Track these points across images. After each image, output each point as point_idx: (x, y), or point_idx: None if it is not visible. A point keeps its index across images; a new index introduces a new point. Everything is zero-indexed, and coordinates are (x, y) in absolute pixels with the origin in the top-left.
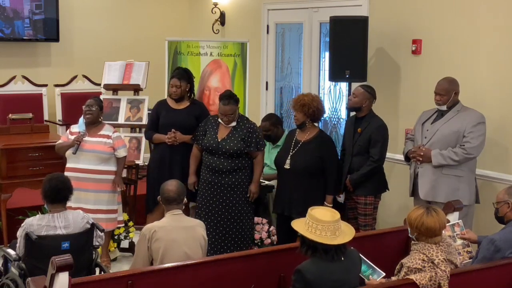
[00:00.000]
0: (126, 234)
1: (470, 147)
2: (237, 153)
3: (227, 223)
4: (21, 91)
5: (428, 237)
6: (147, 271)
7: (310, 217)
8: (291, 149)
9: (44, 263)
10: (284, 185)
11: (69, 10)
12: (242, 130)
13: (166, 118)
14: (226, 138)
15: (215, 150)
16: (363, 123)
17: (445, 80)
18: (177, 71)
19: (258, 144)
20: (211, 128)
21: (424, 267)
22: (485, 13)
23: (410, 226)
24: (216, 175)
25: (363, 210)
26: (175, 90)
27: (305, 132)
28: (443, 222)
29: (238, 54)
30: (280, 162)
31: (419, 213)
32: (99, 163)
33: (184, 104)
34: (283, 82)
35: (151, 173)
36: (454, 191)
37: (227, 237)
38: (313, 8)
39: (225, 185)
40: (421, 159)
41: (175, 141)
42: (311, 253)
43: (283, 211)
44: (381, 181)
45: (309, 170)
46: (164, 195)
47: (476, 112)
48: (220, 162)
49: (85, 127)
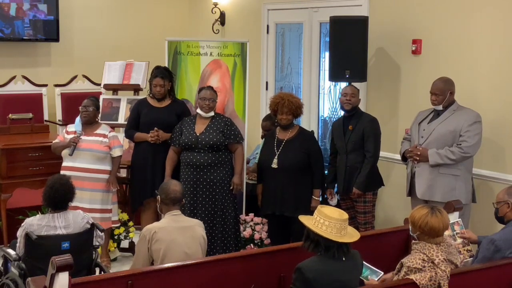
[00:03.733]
0: (126, 234)
1: (466, 146)
2: (217, 144)
3: (212, 220)
4: (21, 91)
5: (430, 237)
6: (147, 271)
7: (318, 212)
8: (275, 149)
9: (44, 263)
10: (272, 185)
11: (69, 10)
12: (220, 123)
13: (147, 116)
14: (205, 131)
15: (194, 144)
16: (353, 120)
17: (440, 80)
18: (158, 70)
19: (237, 137)
20: (187, 126)
21: (424, 267)
22: (485, 13)
23: (413, 225)
24: (197, 171)
25: (363, 208)
26: (159, 89)
27: (287, 131)
28: (447, 223)
29: (238, 54)
30: (265, 162)
31: (423, 213)
32: (95, 162)
33: (165, 102)
34: (283, 82)
35: (134, 173)
36: (451, 190)
37: (213, 235)
38: (313, 8)
39: (207, 180)
40: (418, 159)
41: (158, 139)
42: (313, 248)
43: (274, 211)
44: (376, 177)
45: (298, 167)
46: (170, 196)
47: (472, 111)
48: (200, 156)
49: (82, 126)
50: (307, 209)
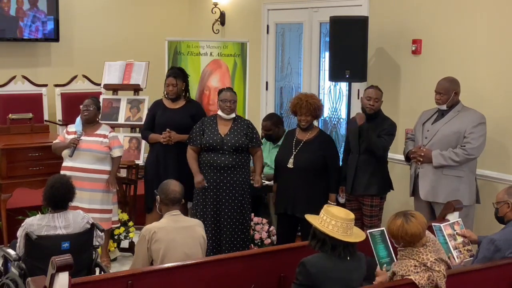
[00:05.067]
0: (126, 234)
1: (470, 148)
2: (242, 147)
3: (234, 221)
4: (21, 91)
5: (415, 243)
6: (147, 271)
7: (325, 211)
8: (293, 149)
9: (44, 263)
10: (286, 184)
11: (69, 10)
12: (242, 125)
13: (161, 117)
14: (229, 133)
15: (219, 145)
16: (372, 123)
17: (446, 80)
18: (172, 70)
19: (258, 140)
20: (209, 127)
21: (417, 272)
22: (485, 13)
23: (394, 238)
24: (220, 172)
25: (369, 212)
26: (171, 88)
27: (307, 131)
28: (424, 223)
29: (238, 54)
30: (282, 162)
31: (398, 224)
32: (95, 162)
33: (180, 104)
34: (283, 82)
35: (148, 173)
36: (454, 192)
37: (229, 235)
38: (313, 8)
39: (230, 182)
40: (421, 160)
41: (170, 140)
42: (319, 247)
43: (286, 210)
44: (386, 181)
45: (313, 169)
46: (170, 196)
47: (477, 113)
48: (224, 158)
49: (82, 126)
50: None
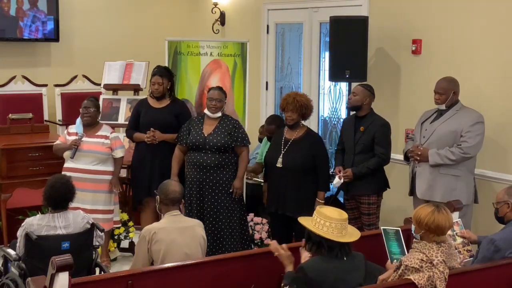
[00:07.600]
0: (126, 234)
1: (466, 147)
2: (224, 147)
3: (217, 221)
4: (21, 91)
5: (436, 235)
6: (147, 271)
7: (318, 213)
8: (282, 148)
9: (44, 263)
10: (276, 184)
11: (69, 10)
12: (228, 125)
13: (146, 116)
14: (213, 133)
15: (202, 145)
16: (364, 121)
17: (445, 79)
18: (158, 69)
19: (244, 140)
20: (195, 126)
21: (421, 267)
22: (485, 13)
23: (418, 224)
24: (203, 171)
25: (367, 210)
26: (157, 87)
27: (294, 130)
28: (451, 222)
29: (238, 54)
30: (270, 161)
31: (429, 210)
32: (97, 163)
33: (165, 103)
34: (283, 82)
35: (134, 172)
36: (451, 191)
37: (218, 236)
38: (313, 8)
39: (213, 181)
40: (418, 159)
41: (154, 140)
42: (315, 249)
43: (277, 209)
44: (382, 179)
45: (303, 168)
46: (170, 196)
47: (474, 112)
48: (207, 157)
49: (83, 128)
50: (309, 210)
